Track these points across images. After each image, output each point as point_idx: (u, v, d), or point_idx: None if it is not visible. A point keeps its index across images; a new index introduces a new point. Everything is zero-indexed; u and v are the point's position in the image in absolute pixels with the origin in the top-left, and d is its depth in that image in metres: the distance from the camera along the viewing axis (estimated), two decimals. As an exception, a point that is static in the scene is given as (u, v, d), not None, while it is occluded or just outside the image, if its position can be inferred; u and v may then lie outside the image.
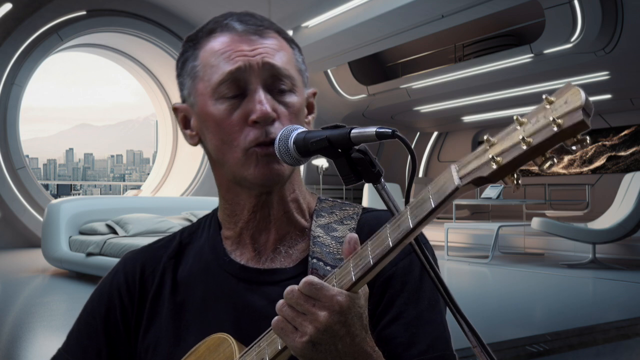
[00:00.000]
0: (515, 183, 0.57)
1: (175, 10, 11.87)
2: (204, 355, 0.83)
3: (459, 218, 12.56)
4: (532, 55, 9.87)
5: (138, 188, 15.83)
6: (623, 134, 13.44)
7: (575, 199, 13.26)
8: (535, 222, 7.64)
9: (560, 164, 14.38)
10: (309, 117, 0.93)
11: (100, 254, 6.17)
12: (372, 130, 0.72)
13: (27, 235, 10.50)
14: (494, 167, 0.57)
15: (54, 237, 6.78)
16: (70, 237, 6.80)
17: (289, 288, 0.71)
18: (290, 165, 0.83)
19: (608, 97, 11.48)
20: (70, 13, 10.94)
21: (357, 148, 0.75)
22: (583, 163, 14.11)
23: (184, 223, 6.92)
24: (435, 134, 16.75)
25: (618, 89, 11.11)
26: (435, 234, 9.42)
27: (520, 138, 0.55)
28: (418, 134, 16.62)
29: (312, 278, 0.70)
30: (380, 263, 0.67)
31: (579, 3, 8.43)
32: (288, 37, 0.91)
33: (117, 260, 1.09)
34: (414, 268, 0.86)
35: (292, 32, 10.81)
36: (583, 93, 0.53)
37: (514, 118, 0.57)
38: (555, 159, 0.55)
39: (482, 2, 8.39)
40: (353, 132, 0.74)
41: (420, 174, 16.42)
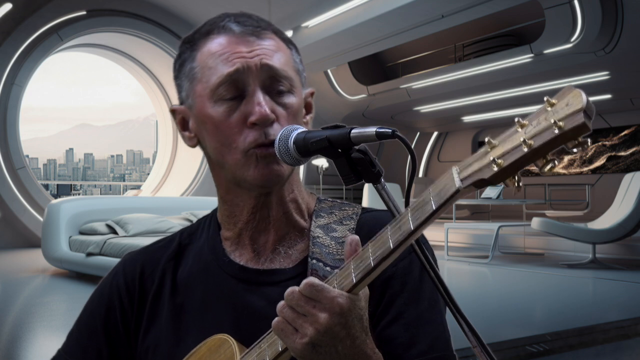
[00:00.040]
0: (516, 185, 0.57)
1: (175, 10, 11.86)
2: (205, 357, 0.83)
3: (459, 218, 12.56)
4: (532, 55, 9.86)
5: (138, 188, 15.82)
6: (623, 134, 13.43)
7: (575, 199, 13.26)
8: (535, 222, 7.64)
9: (560, 164, 14.37)
10: (307, 117, 0.93)
11: (100, 254, 6.17)
12: (372, 130, 0.72)
13: (27, 235, 10.50)
14: (495, 169, 0.57)
15: (54, 237, 6.78)
16: (70, 237, 6.80)
17: (290, 289, 0.70)
18: (290, 166, 0.83)
19: (608, 97, 11.48)
20: (70, 13, 10.94)
21: (357, 148, 0.75)
22: (583, 163, 14.10)
23: (184, 223, 6.92)
24: (435, 134, 16.75)
25: (618, 89, 11.11)
26: (435, 234, 9.42)
27: (522, 140, 0.55)
28: (418, 134, 16.62)
29: (313, 279, 0.70)
30: (381, 265, 0.67)
31: (579, 3, 8.43)
32: (285, 37, 0.91)
33: (117, 261, 1.09)
34: (414, 268, 0.86)
35: (292, 32, 10.81)
36: (584, 95, 0.53)
37: (515, 120, 0.57)
38: (556, 162, 0.55)
39: (482, 2, 8.39)
40: (353, 132, 0.74)
41: (420, 174, 16.42)
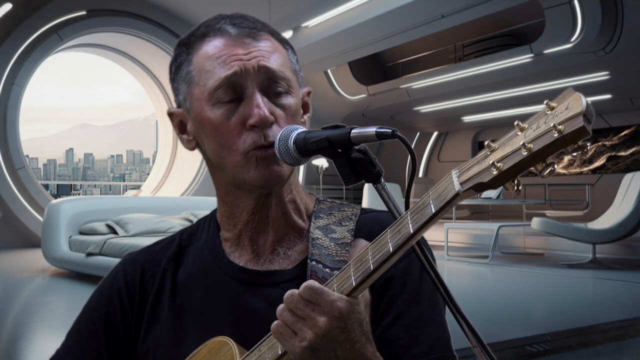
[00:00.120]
0: (516, 189, 0.57)
1: (175, 10, 11.86)
2: (205, 359, 0.83)
3: (459, 218, 12.57)
4: (532, 55, 9.86)
5: (138, 188, 15.82)
6: (623, 134, 13.43)
7: (575, 199, 13.26)
8: (535, 222, 7.64)
9: (560, 164, 14.37)
10: (305, 116, 0.93)
11: (100, 254, 6.17)
12: (372, 130, 0.72)
13: (27, 235, 10.50)
14: (495, 173, 0.57)
15: (54, 237, 6.78)
16: (70, 237, 6.79)
17: (289, 292, 0.70)
18: (290, 166, 0.83)
19: (608, 97, 11.48)
20: (70, 13, 10.94)
21: (357, 148, 0.75)
22: (583, 163, 14.10)
23: (184, 223, 6.92)
24: (435, 134, 16.75)
25: (618, 89, 11.11)
26: (435, 234, 9.41)
27: (521, 144, 0.55)
28: (418, 134, 16.61)
29: (312, 283, 0.70)
30: (381, 268, 0.67)
31: (579, 3, 8.42)
32: (281, 38, 0.91)
33: (117, 261, 1.09)
34: (413, 269, 0.86)
35: (292, 32, 10.80)
36: (584, 99, 0.53)
37: (515, 124, 0.57)
38: (556, 166, 0.55)
39: (482, 2, 8.39)
40: (353, 132, 0.74)
41: (420, 174, 16.42)
